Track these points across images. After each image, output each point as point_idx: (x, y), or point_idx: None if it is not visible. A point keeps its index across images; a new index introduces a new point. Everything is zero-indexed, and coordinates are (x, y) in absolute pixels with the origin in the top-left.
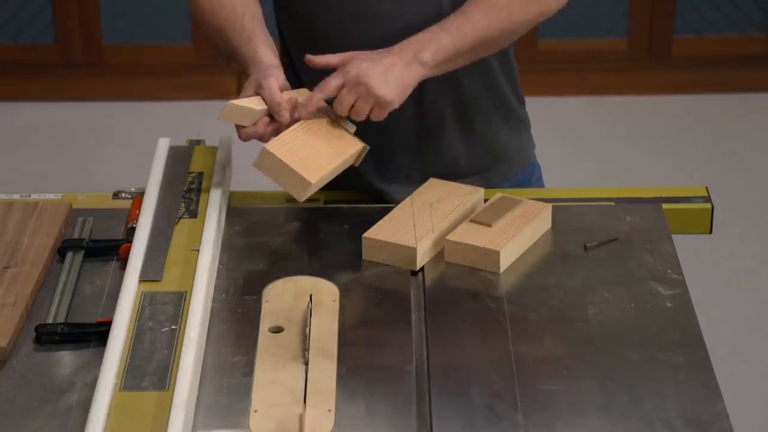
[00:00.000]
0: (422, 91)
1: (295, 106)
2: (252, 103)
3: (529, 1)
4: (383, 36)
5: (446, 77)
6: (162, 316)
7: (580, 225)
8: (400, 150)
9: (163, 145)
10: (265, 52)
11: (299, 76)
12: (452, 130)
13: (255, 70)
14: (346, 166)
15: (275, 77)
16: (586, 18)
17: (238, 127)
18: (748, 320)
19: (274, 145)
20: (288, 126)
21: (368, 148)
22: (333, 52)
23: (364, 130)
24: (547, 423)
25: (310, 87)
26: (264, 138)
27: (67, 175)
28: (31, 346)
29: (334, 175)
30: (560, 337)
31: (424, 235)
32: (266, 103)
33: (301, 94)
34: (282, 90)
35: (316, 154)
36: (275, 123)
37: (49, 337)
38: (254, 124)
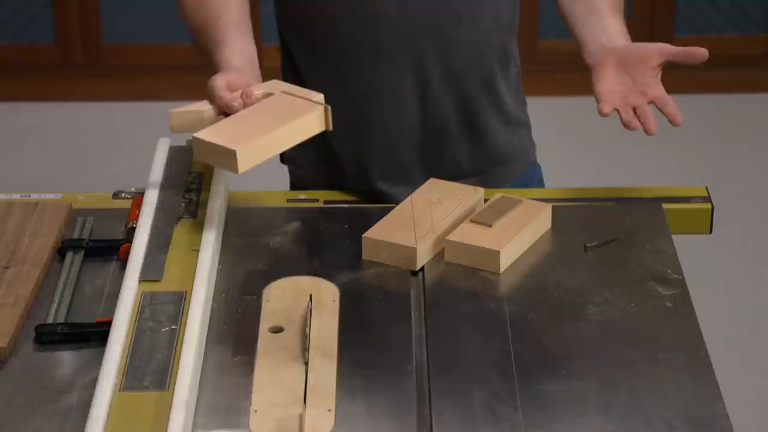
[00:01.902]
0: (426, 94)
1: (248, 96)
2: (195, 106)
3: None
4: (384, 36)
5: (449, 79)
6: (162, 316)
7: (580, 225)
8: (404, 153)
9: (163, 145)
10: (230, 57)
11: (301, 75)
12: (455, 132)
13: None
14: (312, 133)
15: (220, 76)
16: None
17: None
18: (748, 320)
19: (202, 131)
20: None
21: (329, 107)
22: (333, 52)
23: (369, 133)
24: (547, 423)
25: (310, 86)
26: None
27: (67, 175)
28: (31, 346)
29: (294, 143)
30: (560, 337)
31: (424, 235)
32: (215, 102)
33: (271, 86)
34: (232, 88)
35: (255, 126)
36: None
37: (49, 337)
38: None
